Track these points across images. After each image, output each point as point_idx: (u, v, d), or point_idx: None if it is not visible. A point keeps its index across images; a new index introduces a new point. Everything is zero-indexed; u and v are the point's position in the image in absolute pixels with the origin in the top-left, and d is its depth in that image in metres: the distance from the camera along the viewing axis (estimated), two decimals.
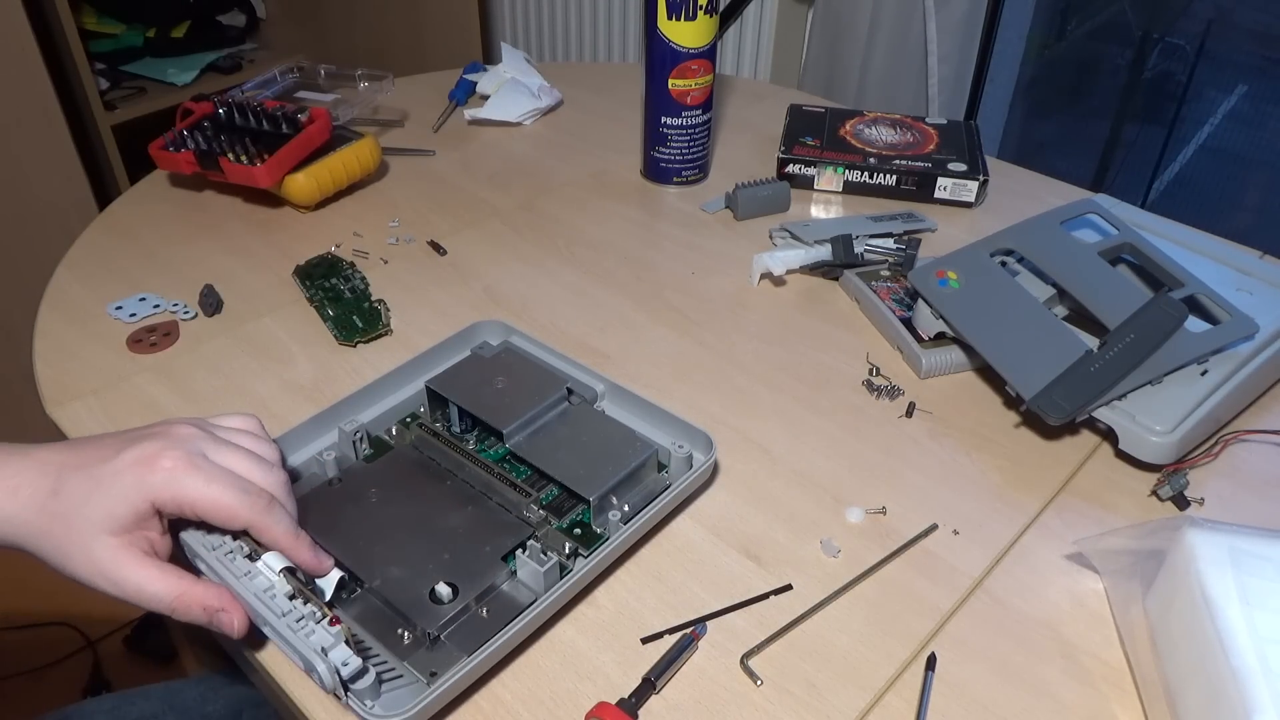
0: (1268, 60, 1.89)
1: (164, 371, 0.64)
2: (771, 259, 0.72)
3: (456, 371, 0.59)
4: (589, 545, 0.50)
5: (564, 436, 0.55)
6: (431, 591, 0.46)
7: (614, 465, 0.52)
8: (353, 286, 0.71)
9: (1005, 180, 0.88)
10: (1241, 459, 0.59)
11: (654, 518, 0.51)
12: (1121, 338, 0.58)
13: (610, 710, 0.43)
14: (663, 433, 0.56)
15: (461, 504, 0.51)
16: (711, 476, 0.56)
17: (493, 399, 0.56)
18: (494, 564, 0.48)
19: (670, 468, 0.54)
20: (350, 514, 0.51)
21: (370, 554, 0.48)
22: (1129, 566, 0.48)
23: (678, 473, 0.53)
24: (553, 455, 0.53)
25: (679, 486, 0.51)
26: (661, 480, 0.54)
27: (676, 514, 0.54)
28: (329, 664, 0.40)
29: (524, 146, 0.94)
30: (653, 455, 0.54)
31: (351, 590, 0.47)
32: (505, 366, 0.59)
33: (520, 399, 0.56)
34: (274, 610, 0.43)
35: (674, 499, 0.51)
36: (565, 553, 0.49)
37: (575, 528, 0.51)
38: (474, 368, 0.60)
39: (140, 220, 0.81)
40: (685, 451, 0.53)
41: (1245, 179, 1.91)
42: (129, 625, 1.38)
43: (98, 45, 1.74)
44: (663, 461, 0.55)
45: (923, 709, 0.44)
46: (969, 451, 0.59)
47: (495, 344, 0.63)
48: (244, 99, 0.84)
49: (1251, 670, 0.38)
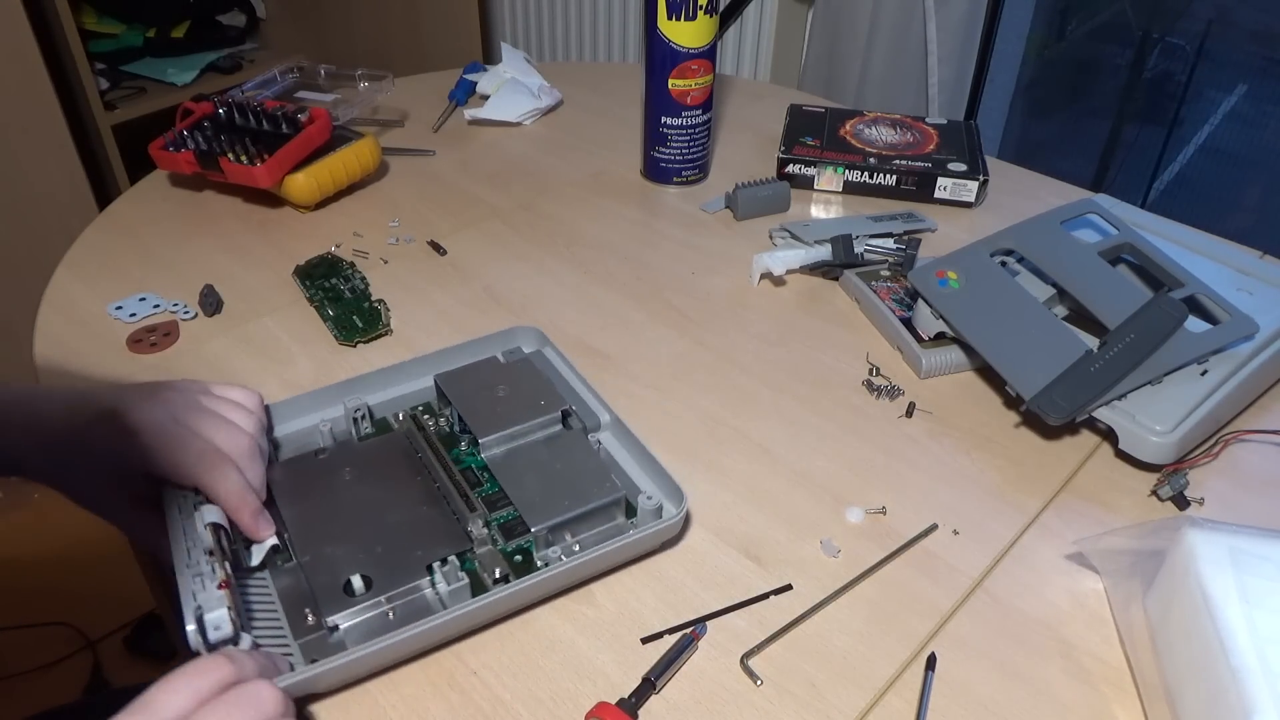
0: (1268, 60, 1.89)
1: (164, 371, 0.64)
2: (771, 259, 0.72)
3: (469, 371, 0.59)
4: (523, 573, 0.48)
5: (540, 459, 0.53)
6: (347, 582, 0.46)
7: (572, 500, 0.50)
8: (353, 286, 0.71)
9: (1005, 180, 0.88)
10: (1241, 459, 0.59)
11: (594, 564, 0.48)
12: (1121, 338, 0.58)
13: (610, 710, 0.43)
14: (648, 479, 0.54)
15: (420, 503, 0.51)
16: (681, 531, 0.52)
17: (488, 405, 0.55)
18: (418, 569, 0.47)
19: (638, 517, 0.51)
20: (317, 487, 0.51)
21: (313, 530, 0.49)
22: (1129, 566, 0.48)
23: (643, 522, 0.50)
24: (518, 475, 0.52)
25: (628, 538, 0.48)
26: (624, 526, 0.51)
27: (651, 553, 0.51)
28: (199, 625, 0.41)
29: (524, 146, 0.94)
30: (620, 499, 0.51)
31: (286, 559, 0.49)
32: (515, 376, 0.58)
33: (513, 411, 0.55)
34: (183, 560, 0.45)
35: (623, 550, 0.49)
36: (496, 575, 0.48)
37: (518, 554, 0.50)
38: (486, 370, 0.59)
39: (140, 220, 0.81)
40: (654, 503, 0.50)
41: (1245, 179, 1.91)
42: (129, 625, 1.38)
43: (98, 45, 1.74)
44: (633, 505, 0.52)
45: (923, 709, 0.44)
46: (969, 451, 0.59)
47: (527, 351, 0.62)
48: (244, 99, 0.84)
49: (1251, 670, 0.38)
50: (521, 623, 0.48)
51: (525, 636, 0.47)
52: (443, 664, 0.46)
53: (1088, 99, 1.96)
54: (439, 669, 0.46)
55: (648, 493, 0.51)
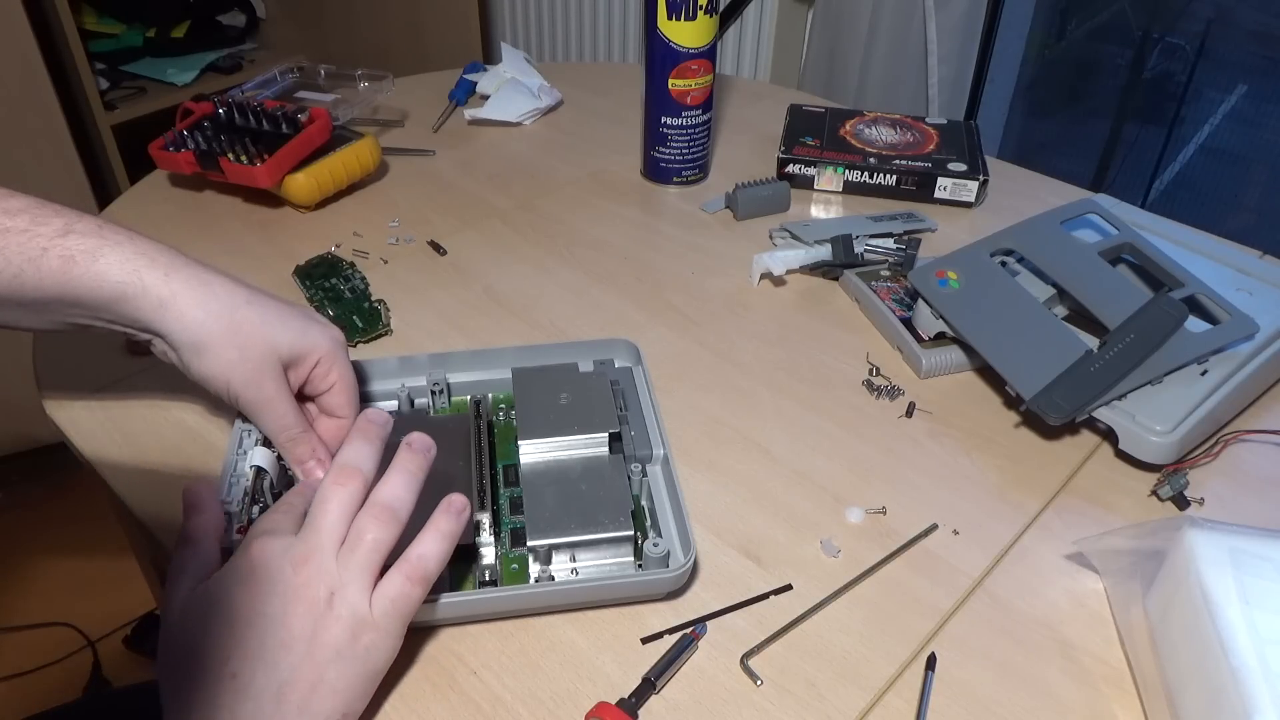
0: (1268, 60, 1.89)
1: (164, 371, 0.64)
2: (771, 259, 0.72)
3: (545, 372, 0.58)
4: (511, 582, 0.48)
5: (571, 476, 0.52)
6: None
7: (580, 525, 0.49)
8: (353, 286, 0.71)
9: (1005, 180, 0.88)
10: (1241, 459, 0.59)
11: (580, 593, 0.47)
12: (1121, 338, 0.58)
13: (610, 710, 0.43)
14: (670, 526, 0.52)
15: (445, 488, 0.50)
16: (687, 582, 0.50)
17: (544, 409, 0.54)
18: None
19: (644, 561, 0.49)
20: None
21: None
22: (1129, 566, 0.48)
23: (649, 565, 0.49)
24: (542, 487, 0.51)
25: (626, 578, 0.47)
26: (628, 566, 0.50)
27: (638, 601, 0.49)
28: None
29: (524, 146, 0.94)
30: (629, 537, 0.49)
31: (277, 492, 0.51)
32: (586, 387, 0.56)
33: (565, 421, 0.54)
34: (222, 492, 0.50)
35: (613, 587, 0.48)
36: (485, 577, 0.48)
37: (514, 563, 0.50)
38: (561, 375, 0.58)
39: (140, 220, 0.81)
40: (660, 550, 0.48)
41: (1245, 179, 1.91)
42: (129, 625, 1.38)
43: (98, 45, 1.74)
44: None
45: (923, 709, 0.44)
46: (969, 451, 0.59)
47: (619, 365, 0.61)
48: (244, 99, 0.84)
49: (1251, 670, 0.38)
50: (521, 623, 0.48)
51: (525, 637, 0.47)
52: (443, 664, 0.46)
53: (1088, 99, 1.96)
54: (439, 669, 0.46)
55: (655, 539, 0.49)
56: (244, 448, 0.53)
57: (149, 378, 0.63)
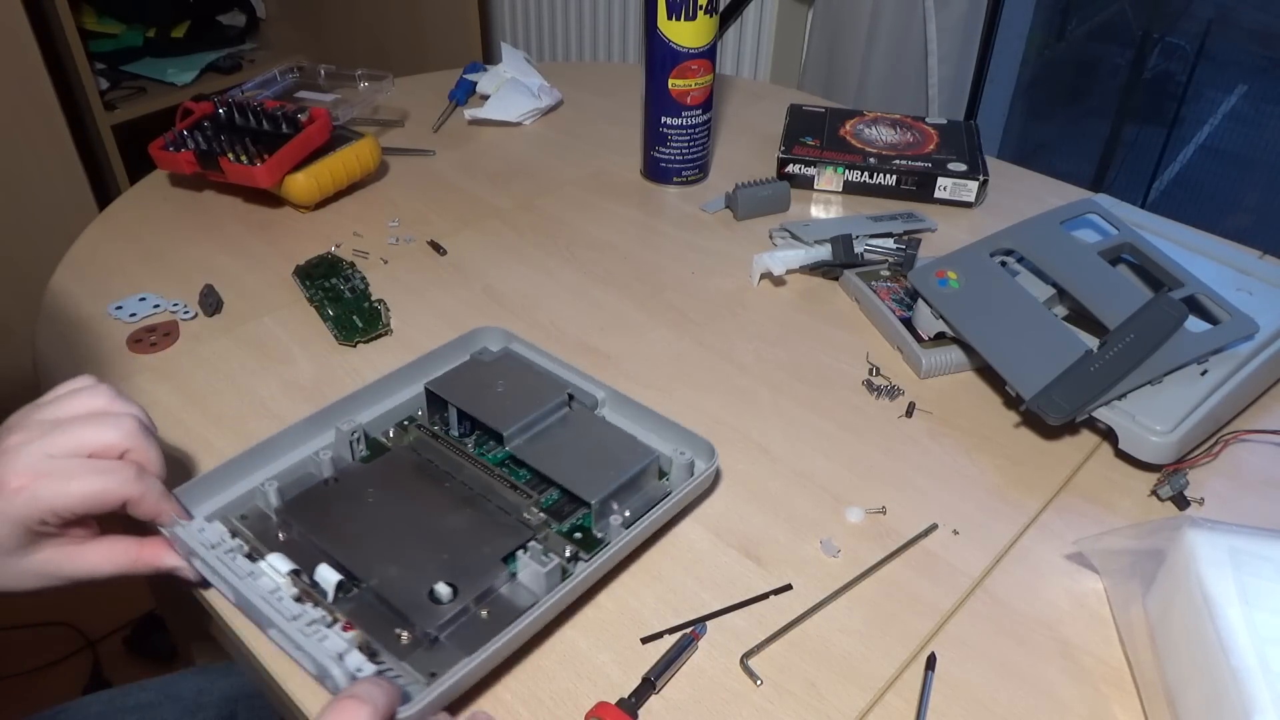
0: (1268, 60, 1.89)
1: (164, 371, 0.64)
2: (771, 259, 0.72)
3: (456, 375, 0.59)
4: (589, 549, 0.50)
5: (565, 441, 0.54)
6: (431, 591, 0.46)
7: (615, 470, 0.52)
8: (353, 286, 0.71)
9: (1005, 180, 0.88)
10: (1241, 459, 0.59)
11: (655, 523, 0.50)
12: (1121, 338, 0.58)
13: (610, 710, 0.43)
14: (663, 439, 0.55)
15: (460, 506, 0.51)
16: (714, 483, 0.56)
17: (493, 402, 0.56)
18: (494, 565, 0.47)
19: (671, 475, 0.54)
20: (347, 513, 0.50)
21: (367, 553, 0.48)
22: (1129, 566, 0.48)
23: (679, 479, 0.53)
24: (554, 459, 0.53)
25: (680, 493, 0.51)
26: (662, 487, 0.54)
27: (679, 518, 0.54)
28: (344, 669, 0.41)
29: (524, 146, 0.94)
30: (654, 461, 0.53)
31: (348, 589, 0.47)
32: (505, 371, 0.59)
33: (521, 403, 0.56)
34: (283, 613, 0.43)
35: (675, 505, 0.51)
36: (566, 556, 0.49)
37: (576, 531, 0.51)
38: (474, 372, 0.60)
39: (140, 220, 0.81)
40: (687, 458, 0.53)
41: (1245, 179, 1.91)
42: (129, 625, 1.38)
43: (98, 45, 1.74)
44: (664, 468, 0.54)
45: (923, 709, 0.44)
46: (969, 451, 0.59)
47: (495, 350, 0.63)
48: (244, 99, 0.84)
49: (1251, 670, 0.38)
50: None
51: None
52: None
53: (1088, 99, 1.96)
54: None
55: (681, 449, 0.53)
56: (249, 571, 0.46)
57: (149, 378, 0.63)
